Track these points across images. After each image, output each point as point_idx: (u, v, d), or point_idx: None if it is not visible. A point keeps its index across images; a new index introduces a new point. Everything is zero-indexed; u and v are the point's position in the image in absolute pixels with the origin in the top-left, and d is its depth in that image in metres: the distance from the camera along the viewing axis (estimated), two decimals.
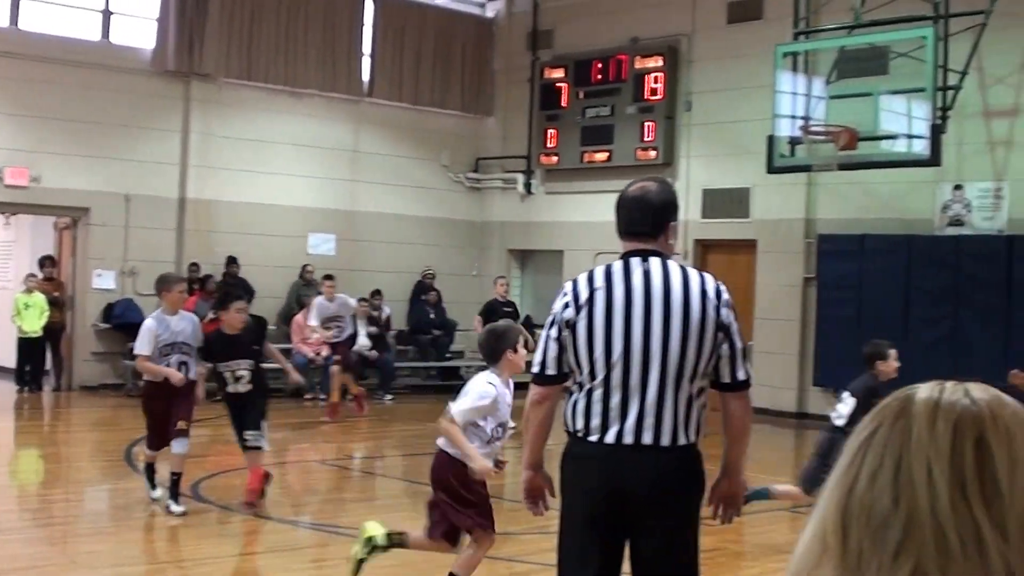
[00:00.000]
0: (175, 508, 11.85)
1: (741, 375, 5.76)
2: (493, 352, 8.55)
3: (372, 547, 8.96)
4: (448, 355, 25.98)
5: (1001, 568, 1.44)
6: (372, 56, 25.75)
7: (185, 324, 12.22)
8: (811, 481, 10.93)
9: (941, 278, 19.87)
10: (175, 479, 11.94)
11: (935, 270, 19.97)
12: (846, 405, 11.15)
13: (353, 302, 21.01)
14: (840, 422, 10.99)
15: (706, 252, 23.76)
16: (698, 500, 5.82)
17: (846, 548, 1.52)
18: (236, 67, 23.80)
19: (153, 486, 12.37)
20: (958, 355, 19.31)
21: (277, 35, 24.24)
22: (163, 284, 12.48)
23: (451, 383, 25.57)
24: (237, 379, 12.22)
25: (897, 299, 20.39)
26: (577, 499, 5.79)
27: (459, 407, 8.40)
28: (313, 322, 20.34)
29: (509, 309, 20.16)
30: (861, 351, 11.96)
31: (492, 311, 18.65)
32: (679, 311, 5.65)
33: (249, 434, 12.20)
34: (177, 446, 11.98)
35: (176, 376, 11.86)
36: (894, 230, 20.63)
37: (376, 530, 8.99)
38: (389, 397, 23.12)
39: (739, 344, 5.76)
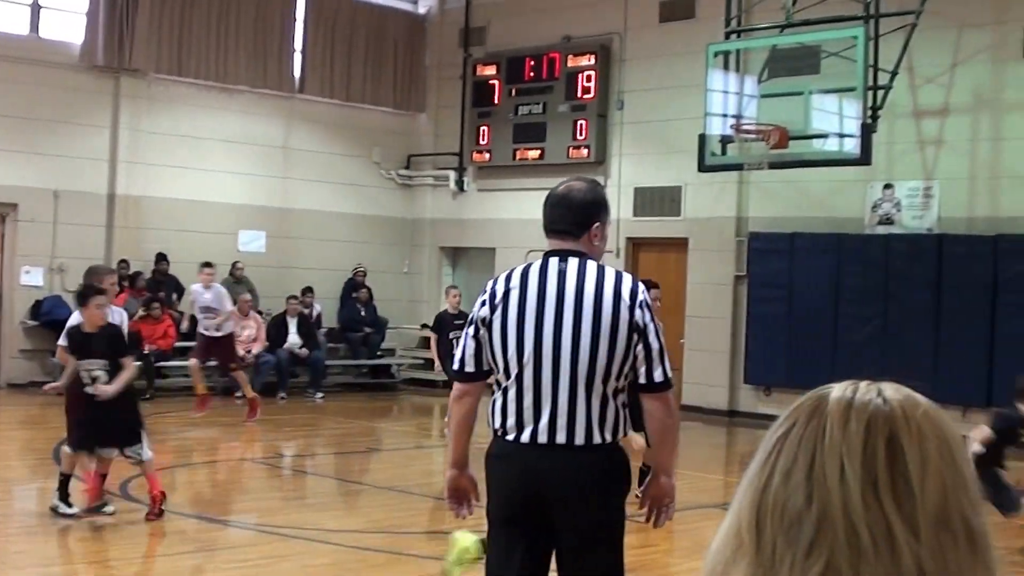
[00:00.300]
0: (108, 509, 11.73)
1: (658, 376, 5.72)
2: None
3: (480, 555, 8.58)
4: (379, 353, 25.90)
5: (912, 566, 1.46)
6: (304, 52, 25.60)
7: (115, 319, 12.04)
8: None
9: (871, 276, 20.01)
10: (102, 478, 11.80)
11: (865, 268, 20.11)
12: (981, 434, 11.25)
13: (228, 301, 19.71)
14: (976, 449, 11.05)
15: (638, 250, 23.81)
16: (619, 499, 5.80)
17: (760, 545, 1.52)
18: (166, 62, 23.60)
19: (68, 502, 11.65)
20: (888, 353, 19.47)
21: (208, 31, 24.06)
22: (93, 276, 12.25)
23: (382, 381, 25.61)
24: (93, 379, 11.67)
25: (827, 297, 20.53)
26: (497, 498, 5.82)
27: None
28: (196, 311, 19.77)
29: (460, 322, 20.06)
30: (792, 348, 12.00)
31: (443, 323, 18.51)
32: (590, 312, 5.64)
33: (129, 451, 11.71)
34: (107, 453, 11.78)
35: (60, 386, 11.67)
36: (824, 228, 20.76)
37: (467, 539, 8.59)
38: (320, 395, 23.03)
39: (656, 345, 5.70)
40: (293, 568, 10.25)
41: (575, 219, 5.85)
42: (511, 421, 5.72)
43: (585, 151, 24.04)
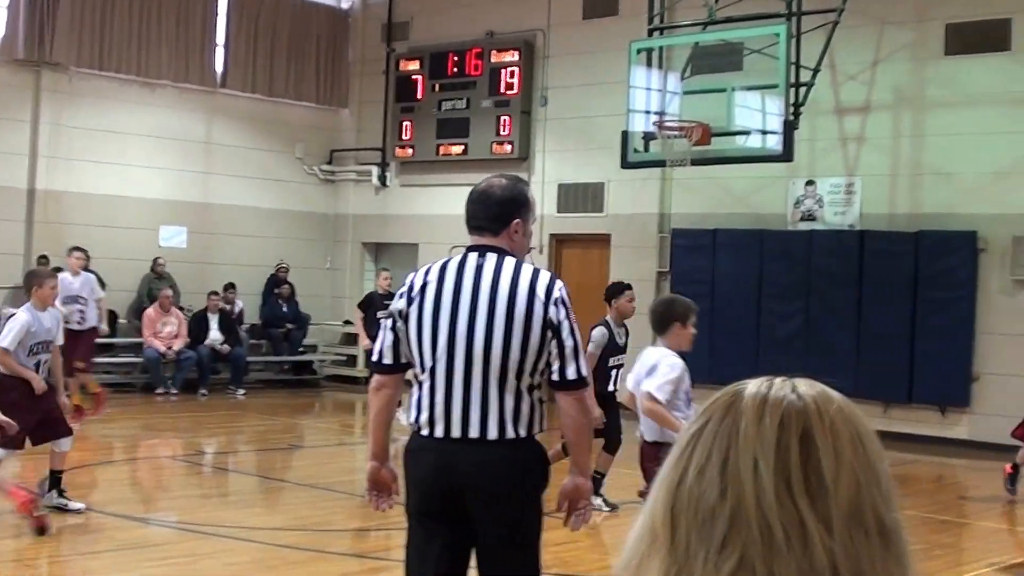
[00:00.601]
0: (75, 506, 11.63)
1: (571, 373, 5.70)
2: (662, 321, 8.36)
3: None
4: (301, 349, 25.78)
5: (825, 560, 1.47)
6: (226, 47, 25.41)
7: (53, 322, 11.91)
8: None
9: (793, 272, 20.14)
10: (57, 476, 11.68)
11: (787, 265, 20.24)
12: None
13: (99, 289, 18.92)
14: None
15: (561, 246, 23.83)
16: (534, 494, 5.79)
17: (674, 540, 1.53)
18: (88, 56, 23.34)
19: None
20: (810, 349, 19.61)
21: (130, 24, 23.82)
22: (35, 279, 12.06)
23: (304, 377, 25.49)
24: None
25: (750, 293, 20.63)
26: (414, 493, 5.83)
27: (654, 384, 8.18)
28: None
29: (389, 302, 19.99)
30: (715, 345, 12.11)
31: (371, 303, 18.42)
32: (504, 307, 5.65)
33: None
34: (66, 444, 11.66)
35: (40, 386, 11.49)
36: (747, 225, 20.87)
37: None
38: (241, 392, 22.89)
39: (570, 342, 5.69)
40: (214, 566, 10.17)
41: (494, 215, 5.87)
42: (425, 416, 5.74)
43: (509, 147, 24.03)
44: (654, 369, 8.37)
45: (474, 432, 5.64)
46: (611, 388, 12.77)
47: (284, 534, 11.28)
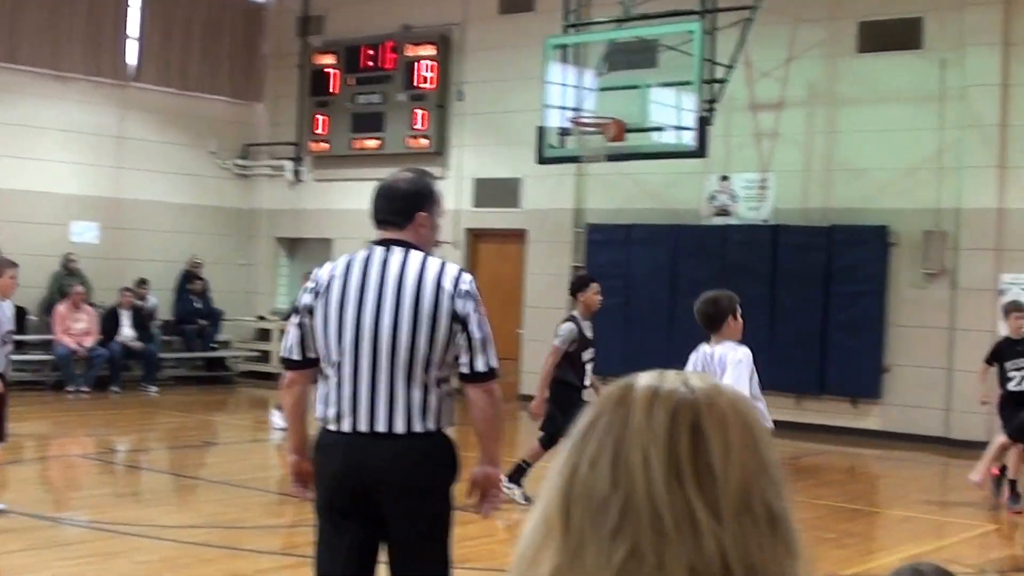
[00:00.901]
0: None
1: (480, 366, 5.73)
2: (715, 319, 8.36)
3: None
4: (214, 345, 25.59)
5: (714, 548, 1.49)
6: (139, 40, 25.15)
7: (10, 312, 11.79)
8: None
9: (708, 267, 20.25)
10: None
11: (702, 259, 20.36)
12: None
13: None
14: None
15: (477, 241, 23.82)
16: (444, 487, 5.79)
17: (568, 530, 1.54)
18: None
19: None
20: None
21: (41, 17, 23.51)
22: None
23: (217, 374, 25.31)
24: None
25: (665, 288, 20.73)
26: (323, 488, 5.83)
27: (735, 381, 8.10)
28: None
29: None
30: (630, 338, 12.16)
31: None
32: (411, 301, 5.66)
33: None
34: None
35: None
36: (662, 220, 20.99)
37: None
38: (154, 388, 22.69)
39: (478, 335, 5.71)
40: (126, 565, 10.07)
41: (400, 209, 5.88)
42: (333, 411, 5.74)
43: (424, 141, 23.98)
44: (727, 364, 8.33)
45: (382, 427, 5.63)
46: (587, 383, 12.77)
47: (197, 532, 11.19)
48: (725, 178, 20.65)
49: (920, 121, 19.15)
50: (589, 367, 12.83)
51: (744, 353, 8.39)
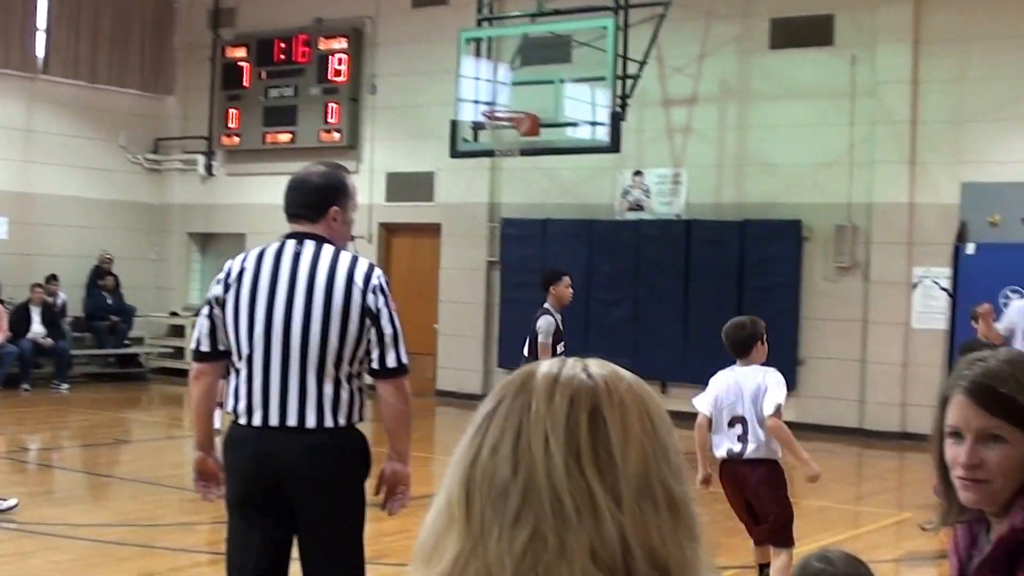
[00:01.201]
0: None
1: (390, 361, 5.71)
2: (746, 344, 8.55)
3: None
4: (126, 342, 25.35)
5: (614, 532, 1.52)
6: (47, 31, 24.84)
7: None
8: None
9: (622, 261, 20.36)
10: None
11: (616, 254, 20.45)
12: None
13: None
14: None
15: (391, 235, 23.76)
16: (355, 482, 5.78)
17: (469, 516, 1.57)
18: None
19: None
20: (639, 336, 19.88)
21: None
22: None
23: (130, 371, 25.09)
24: None
25: (579, 282, 20.65)
26: (234, 483, 5.79)
27: (776, 403, 8.19)
28: None
29: None
30: None
31: None
32: (322, 295, 5.64)
33: None
34: None
35: None
36: (576, 215, 21.05)
37: None
38: (65, 386, 22.46)
39: (390, 330, 5.69)
40: (38, 564, 9.96)
41: (312, 203, 5.87)
42: (243, 404, 5.70)
43: (337, 135, 23.89)
44: (761, 390, 8.41)
45: (292, 420, 5.61)
46: None
47: (111, 530, 11.10)
48: (638, 173, 20.74)
49: (832, 117, 19.34)
50: None
51: (780, 377, 8.54)
